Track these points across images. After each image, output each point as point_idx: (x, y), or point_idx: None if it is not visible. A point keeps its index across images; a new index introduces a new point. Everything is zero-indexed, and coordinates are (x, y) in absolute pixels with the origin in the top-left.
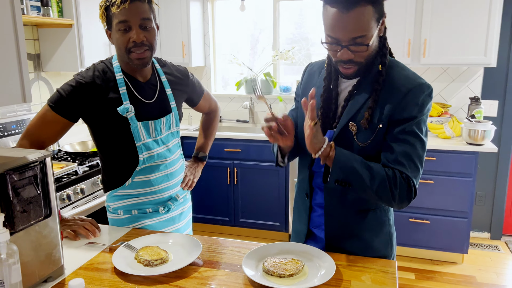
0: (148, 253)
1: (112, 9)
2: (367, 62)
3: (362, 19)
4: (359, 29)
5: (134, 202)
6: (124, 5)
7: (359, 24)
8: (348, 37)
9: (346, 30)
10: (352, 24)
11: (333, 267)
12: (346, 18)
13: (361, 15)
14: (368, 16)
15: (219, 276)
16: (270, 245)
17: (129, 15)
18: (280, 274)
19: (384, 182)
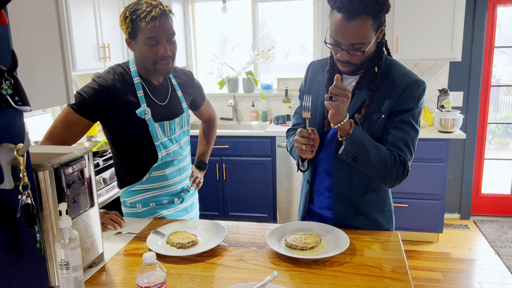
0: (178, 237)
1: (141, 24)
2: (363, 63)
3: (362, 29)
4: (358, 37)
5: (151, 195)
6: (155, 22)
7: (358, 33)
8: (348, 42)
9: (347, 37)
10: (353, 32)
11: (347, 239)
12: (348, 26)
13: (361, 25)
14: (367, 26)
15: (247, 253)
16: (288, 224)
17: (157, 32)
18: (302, 247)
19: (386, 162)
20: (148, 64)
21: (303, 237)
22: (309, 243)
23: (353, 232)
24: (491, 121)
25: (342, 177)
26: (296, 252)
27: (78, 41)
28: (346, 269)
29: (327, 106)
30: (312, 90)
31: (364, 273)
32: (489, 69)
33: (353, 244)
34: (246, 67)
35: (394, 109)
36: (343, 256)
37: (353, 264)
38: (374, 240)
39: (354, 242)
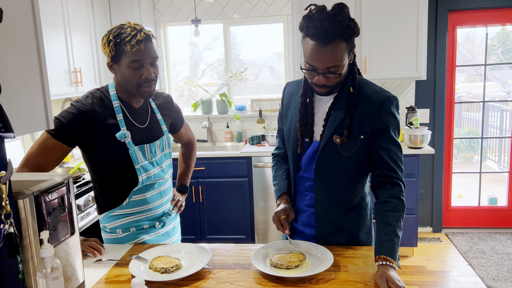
0: (161, 262)
1: (126, 47)
2: (338, 84)
3: (337, 53)
4: (334, 60)
5: (132, 220)
6: (140, 46)
7: (333, 56)
8: (324, 66)
9: (322, 61)
10: (328, 56)
11: (330, 256)
12: (323, 51)
13: (335, 49)
14: (341, 50)
15: (233, 274)
16: (270, 244)
17: (142, 55)
18: (287, 266)
19: (402, 216)
20: (132, 87)
21: (287, 255)
22: (294, 262)
23: (335, 248)
24: (456, 136)
25: (324, 197)
26: (281, 271)
27: (49, 66)
28: (332, 286)
29: None
30: (289, 114)
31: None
32: (452, 87)
33: (336, 261)
34: (220, 89)
35: (374, 129)
36: (328, 273)
37: (339, 280)
38: (356, 255)
39: (338, 258)
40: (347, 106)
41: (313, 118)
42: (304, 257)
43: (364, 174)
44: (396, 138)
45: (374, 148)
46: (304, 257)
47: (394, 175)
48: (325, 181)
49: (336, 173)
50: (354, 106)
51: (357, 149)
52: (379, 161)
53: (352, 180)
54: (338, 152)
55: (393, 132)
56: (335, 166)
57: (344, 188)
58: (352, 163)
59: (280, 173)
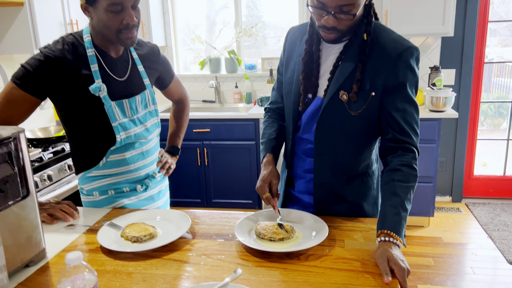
0: (135, 230)
1: None
2: (349, 29)
3: None
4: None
5: (109, 182)
6: None
7: None
8: (336, 4)
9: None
10: None
11: (325, 228)
12: None
13: None
14: None
15: (212, 246)
16: (259, 212)
17: None
18: (270, 238)
19: (413, 188)
20: (110, 34)
21: (275, 226)
22: (279, 234)
23: (333, 219)
24: (484, 100)
25: (324, 163)
26: (266, 245)
27: (41, 18)
28: (323, 263)
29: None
30: (291, 63)
31: (344, 267)
32: (482, 46)
33: (332, 234)
34: (229, 46)
35: (389, 84)
36: (320, 248)
37: (332, 257)
38: (356, 228)
39: (334, 231)
40: (359, 56)
41: (318, 70)
42: (292, 229)
43: (373, 138)
44: (413, 97)
45: (386, 108)
46: (293, 229)
47: (408, 140)
48: (327, 144)
49: (340, 136)
50: (367, 57)
51: (367, 108)
52: (391, 123)
53: (358, 144)
54: (344, 111)
55: (410, 90)
56: (339, 128)
57: (348, 153)
58: (359, 125)
59: (270, 131)
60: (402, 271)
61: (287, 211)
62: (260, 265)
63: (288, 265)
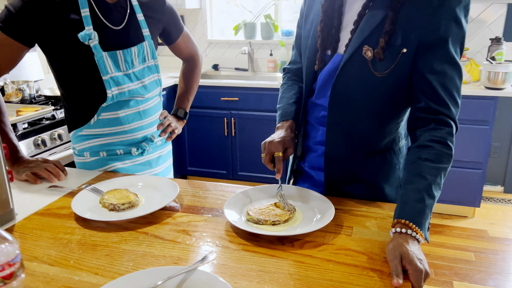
0: (115, 197)
1: None
2: None
3: None
4: None
5: (101, 142)
6: None
7: None
8: None
9: None
10: None
11: (331, 211)
12: None
13: None
14: None
15: (195, 222)
16: (258, 188)
17: None
18: (274, 222)
19: (445, 170)
20: None
21: (270, 207)
22: (281, 214)
23: (345, 202)
24: None
25: (339, 135)
26: (258, 225)
27: None
28: (320, 253)
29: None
30: (311, 13)
31: (345, 261)
32: None
33: (340, 219)
34: (263, 10)
35: (426, 39)
36: (321, 235)
37: (333, 247)
38: (371, 214)
39: (343, 215)
40: (391, 2)
41: (340, 20)
42: (294, 209)
43: (401, 107)
44: (457, 58)
45: (420, 69)
46: (291, 211)
47: (444, 110)
48: (343, 111)
49: (360, 102)
50: (400, 3)
51: (395, 69)
52: (425, 88)
53: (382, 113)
54: (367, 72)
55: (453, 48)
56: (360, 92)
57: (368, 124)
58: (384, 89)
59: (289, 94)
60: (418, 273)
61: (291, 188)
62: (245, 249)
63: (278, 252)
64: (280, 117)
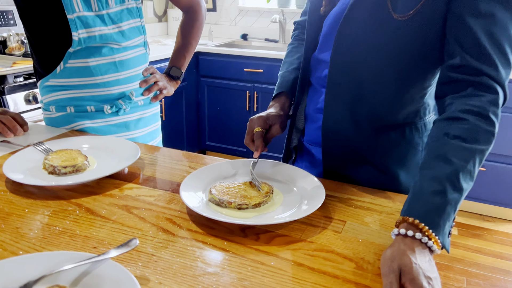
0: (60, 158)
1: None
2: None
3: None
4: None
5: (69, 96)
6: None
7: None
8: None
9: None
10: None
11: (320, 198)
12: None
13: None
14: None
15: (146, 197)
16: (236, 161)
17: None
18: (240, 205)
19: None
20: None
21: (241, 186)
22: (253, 197)
23: (346, 188)
24: None
25: (341, 99)
26: (222, 209)
27: None
28: (291, 253)
29: None
30: None
31: (322, 268)
32: None
33: (332, 209)
34: None
35: None
36: (300, 228)
37: (311, 246)
38: (375, 207)
39: (337, 205)
40: None
41: None
42: (271, 191)
43: (429, 66)
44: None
45: (458, 10)
46: (268, 194)
47: (489, 70)
48: (348, 68)
49: (373, 56)
50: None
51: (423, 10)
52: (463, 38)
53: (401, 73)
54: (384, 13)
55: None
56: (373, 40)
57: (382, 88)
58: (407, 39)
59: (292, 58)
60: None
61: (278, 165)
62: (194, 238)
63: (235, 247)
64: (276, 88)
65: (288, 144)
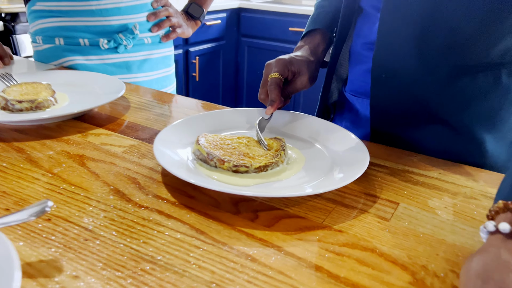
0: (20, 91)
1: None
2: None
3: None
4: None
5: (58, 24)
6: None
7: None
8: None
9: None
10: None
11: (362, 165)
12: None
13: None
14: None
15: (113, 146)
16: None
17: None
18: (236, 167)
19: None
20: None
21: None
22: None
23: (400, 155)
24: None
25: (402, 26)
26: (205, 169)
27: None
28: (304, 248)
29: None
30: None
31: (354, 277)
32: None
33: (378, 184)
34: None
35: None
36: (323, 207)
37: (340, 238)
38: (448, 185)
39: (387, 180)
40: None
41: None
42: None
43: None
44: None
45: None
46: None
47: None
48: None
49: None
50: None
51: None
52: None
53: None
54: None
55: None
56: None
57: (469, 7)
58: None
59: None
60: None
61: (298, 117)
62: (158, 208)
63: (215, 227)
64: (308, 24)
65: (325, 100)
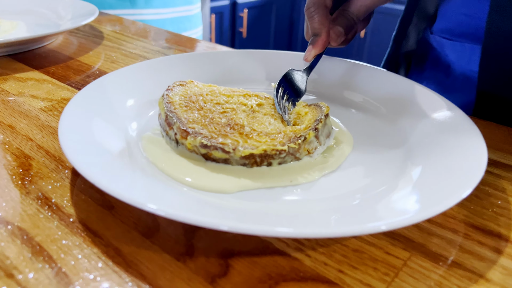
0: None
1: None
2: None
3: None
4: None
5: None
6: None
7: None
8: None
9: None
10: None
11: (474, 170)
12: None
13: None
14: None
15: (41, 100)
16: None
17: None
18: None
19: None
20: None
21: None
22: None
23: None
24: None
25: None
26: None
27: None
28: None
29: None
30: None
31: None
32: None
33: (498, 210)
34: None
35: None
36: (383, 264)
37: None
38: None
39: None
40: None
41: None
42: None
43: None
44: None
45: None
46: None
47: None
48: None
49: None
50: None
51: None
52: None
53: None
54: None
55: None
56: None
57: None
58: None
59: None
60: None
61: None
62: None
63: None
64: None
65: (398, 45)
